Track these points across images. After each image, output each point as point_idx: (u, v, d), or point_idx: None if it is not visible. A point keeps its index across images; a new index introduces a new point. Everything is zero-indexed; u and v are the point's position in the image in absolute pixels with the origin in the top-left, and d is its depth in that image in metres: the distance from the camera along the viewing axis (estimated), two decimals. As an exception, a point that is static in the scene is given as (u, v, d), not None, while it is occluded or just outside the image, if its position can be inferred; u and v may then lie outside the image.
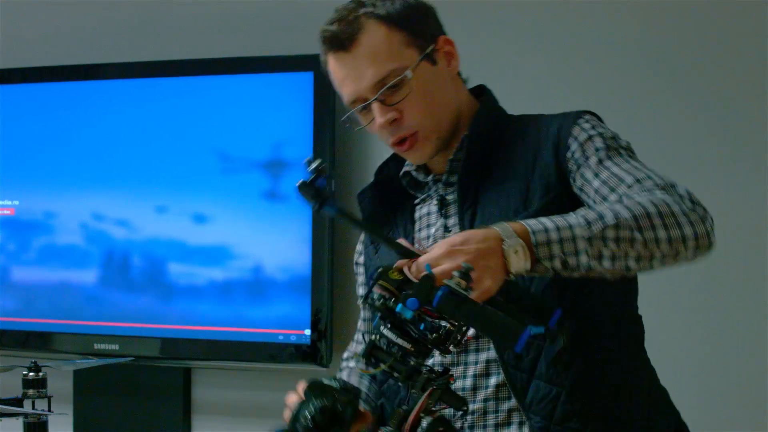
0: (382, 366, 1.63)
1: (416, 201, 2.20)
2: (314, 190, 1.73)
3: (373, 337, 1.65)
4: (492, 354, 1.96)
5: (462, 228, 2.03)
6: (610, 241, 1.75)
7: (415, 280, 1.64)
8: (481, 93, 2.23)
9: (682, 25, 3.59)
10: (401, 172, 2.21)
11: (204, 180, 3.95)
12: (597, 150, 1.98)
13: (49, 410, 3.25)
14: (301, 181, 1.75)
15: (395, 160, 2.23)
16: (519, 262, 1.70)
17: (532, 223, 1.75)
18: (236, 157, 3.89)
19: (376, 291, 1.65)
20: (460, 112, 2.13)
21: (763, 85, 3.50)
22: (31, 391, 3.26)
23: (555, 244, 1.73)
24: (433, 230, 2.13)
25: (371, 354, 1.64)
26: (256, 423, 4.03)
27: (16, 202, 4.22)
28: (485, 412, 1.99)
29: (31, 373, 3.26)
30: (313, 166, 1.74)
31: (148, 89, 4.06)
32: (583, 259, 1.74)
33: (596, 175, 1.95)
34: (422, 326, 1.62)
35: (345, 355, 2.37)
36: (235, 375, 4.09)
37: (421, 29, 2.08)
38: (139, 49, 4.16)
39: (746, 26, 3.53)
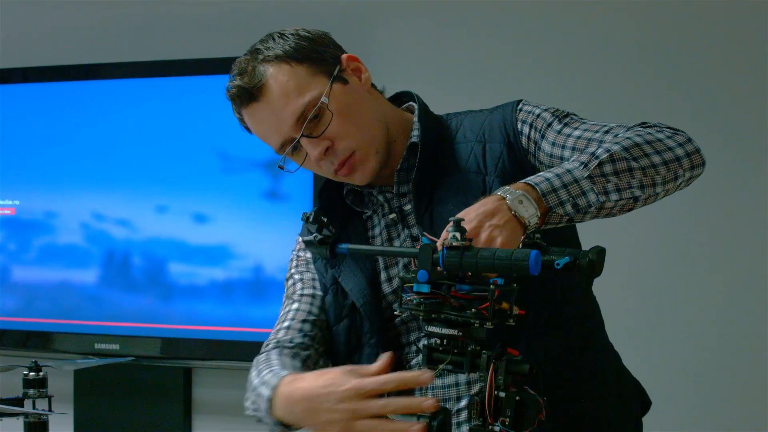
0: (441, 366, 1.64)
1: (365, 216, 2.19)
2: (320, 242, 1.78)
3: (426, 341, 1.65)
4: None
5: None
6: (610, 174, 1.78)
7: None
8: (401, 99, 2.24)
9: (681, 26, 3.60)
10: (345, 192, 2.21)
11: (204, 180, 3.95)
12: (549, 124, 2.02)
13: (50, 410, 3.24)
14: (307, 241, 1.79)
15: (335, 183, 2.22)
16: (528, 210, 1.71)
17: (531, 178, 1.77)
18: (236, 156, 3.89)
19: (408, 296, 1.64)
20: (388, 122, 2.13)
21: (763, 85, 3.50)
22: (31, 391, 3.25)
23: (561, 190, 1.75)
24: (397, 243, 2.13)
25: (430, 358, 1.64)
26: (256, 423, 4.02)
27: (17, 202, 4.23)
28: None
29: (31, 373, 3.26)
30: (311, 219, 1.77)
31: (148, 89, 4.06)
32: (592, 197, 1.77)
33: (563, 146, 1.98)
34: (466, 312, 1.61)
35: (283, 326, 2.27)
36: (236, 375, 4.08)
37: (321, 56, 2.07)
38: (139, 48, 4.16)
39: (746, 26, 3.53)
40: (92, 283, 4.11)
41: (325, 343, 2.19)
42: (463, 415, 2.00)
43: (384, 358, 1.74)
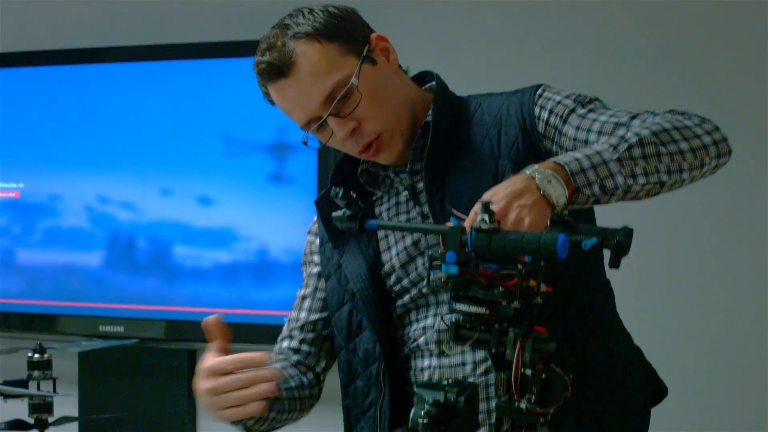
0: (468, 343, 1.64)
1: (375, 197, 2.19)
2: (349, 218, 1.78)
3: (453, 318, 1.65)
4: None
5: (434, 213, 2.03)
6: (639, 158, 1.78)
7: None
8: (423, 79, 2.24)
9: (681, 25, 3.59)
10: (359, 171, 2.20)
11: (209, 163, 3.95)
12: (572, 110, 2.01)
13: (54, 391, 3.26)
14: (336, 216, 1.80)
15: (348, 162, 2.21)
16: (556, 190, 1.71)
17: (560, 158, 1.77)
18: (241, 139, 3.89)
19: (436, 273, 1.65)
20: (413, 103, 2.13)
21: (763, 85, 3.49)
22: (36, 373, 3.27)
23: (589, 171, 1.75)
24: (403, 218, 2.13)
25: (458, 335, 1.64)
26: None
27: (21, 185, 4.23)
28: (487, 385, 2.01)
29: (36, 355, 3.27)
30: (340, 195, 1.81)
31: (153, 72, 4.06)
32: (620, 179, 1.77)
33: (588, 130, 1.97)
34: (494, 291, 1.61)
35: (280, 337, 2.34)
36: (240, 357, 4.09)
37: (351, 34, 2.05)
38: (143, 32, 4.15)
39: (746, 26, 3.52)
40: (97, 265, 4.12)
41: (326, 343, 2.26)
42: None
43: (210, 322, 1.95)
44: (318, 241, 2.26)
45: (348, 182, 2.20)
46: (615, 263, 1.64)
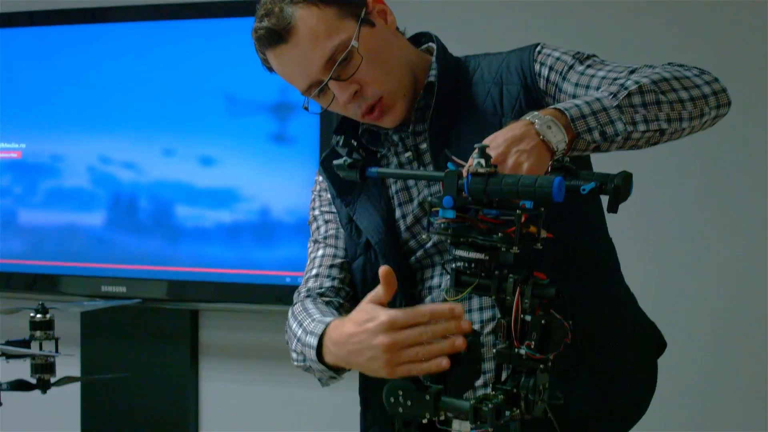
0: (468, 290, 1.64)
1: (379, 155, 2.19)
2: (350, 166, 1.79)
3: (454, 265, 1.65)
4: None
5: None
6: (639, 106, 1.79)
7: None
8: (419, 40, 2.24)
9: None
10: (360, 131, 2.20)
11: (211, 122, 3.94)
12: (571, 66, 2.02)
13: (57, 352, 3.26)
14: (337, 164, 1.80)
15: (349, 123, 2.21)
16: (556, 135, 1.72)
17: (560, 104, 1.78)
18: (243, 99, 3.88)
19: (435, 220, 1.65)
20: (413, 65, 2.13)
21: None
22: (38, 333, 3.26)
23: (590, 117, 1.76)
24: (411, 180, 2.13)
25: (458, 281, 1.65)
26: (262, 365, 4.05)
27: (23, 145, 4.22)
28: (494, 344, 2.01)
29: (38, 315, 3.27)
30: (341, 143, 1.81)
31: (155, 32, 4.04)
32: (620, 126, 1.78)
33: (587, 86, 1.98)
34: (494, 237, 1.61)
35: (312, 274, 2.27)
36: (242, 317, 4.10)
37: None
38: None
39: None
40: (99, 225, 4.11)
41: (355, 284, 2.21)
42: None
43: (383, 272, 1.76)
44: (329, 195, 2.26)
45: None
46: (613, 208, 1.64)
